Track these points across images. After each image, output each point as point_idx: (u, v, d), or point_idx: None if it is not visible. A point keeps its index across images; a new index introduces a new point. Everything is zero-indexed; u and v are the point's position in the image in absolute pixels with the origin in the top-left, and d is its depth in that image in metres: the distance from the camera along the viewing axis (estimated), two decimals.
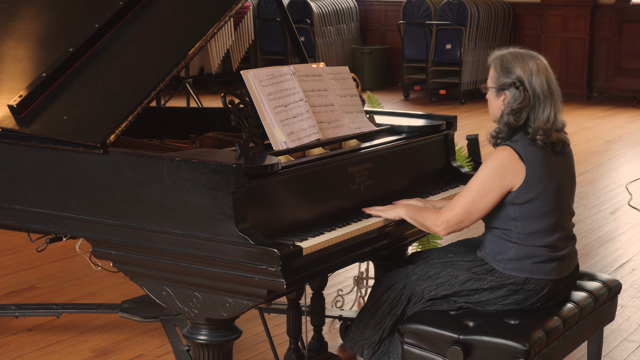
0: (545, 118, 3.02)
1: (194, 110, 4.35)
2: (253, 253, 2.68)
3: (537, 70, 3.03)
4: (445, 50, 11.52)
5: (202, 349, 2.93)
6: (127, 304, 4.27)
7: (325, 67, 3.39)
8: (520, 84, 3.02)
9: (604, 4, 11.58)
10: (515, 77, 3.03)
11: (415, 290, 3.12)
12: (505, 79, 3.04)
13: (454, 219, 3.06)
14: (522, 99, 3.01)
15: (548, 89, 3.03)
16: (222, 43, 11.27)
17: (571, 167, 3.17)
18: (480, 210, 3.04)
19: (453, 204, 3.07)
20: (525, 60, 3.04)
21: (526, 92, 3.01)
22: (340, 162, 3.18)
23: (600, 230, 6.06)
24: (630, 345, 4.19)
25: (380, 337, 3.15)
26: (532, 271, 3.04)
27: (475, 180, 3.03)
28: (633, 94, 11.43)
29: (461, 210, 3.04)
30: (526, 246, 3.04)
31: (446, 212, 3.07)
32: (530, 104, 3.02)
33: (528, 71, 3.02)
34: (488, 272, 3.07)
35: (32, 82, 3.19)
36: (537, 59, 3.06)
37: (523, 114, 3.02)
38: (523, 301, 3.07)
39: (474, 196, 3.03)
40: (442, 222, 3.07)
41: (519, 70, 3.03)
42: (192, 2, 3.32)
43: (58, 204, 3.07)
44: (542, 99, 3.02)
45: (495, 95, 3.09)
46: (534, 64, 3.04)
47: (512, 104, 3.03)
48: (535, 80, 3.02)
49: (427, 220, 3.10)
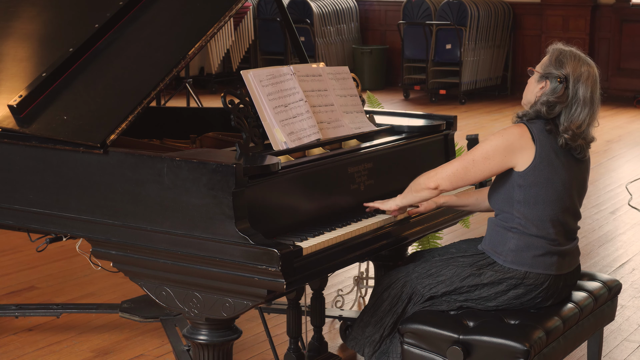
0: (579, 122, 3.02)
1: (194, 110, 4.35)
2: (253, 253, 2.67)
3: (587, 76, 3.04)
4: (445, 50, 11.52)
5: (202, 349, 2.93)
6: (127, 304, 4.27)
7: (325, 67, 3.39)
8: (565, 80, 3.03)
9: (604, 4, 11.58)
10: (563, 72, 3.03)
11: (416, 287, 3.13)
12: (553, 70, 3.05)
13: (449, 171, 3.07)
14: (560, 94, 3.02)
15: (590, 98, 3.04)
16: (222, 43, 11.27)
17: (584, 173, 3.18)
18: (476, 172, 3.05)
19: (452, 160, 3.10)
20: (581, 63, 3.05)
21: (567, 90, 3.02)
22: (340, 162, 3.18)
23: (600, 230, 6.06)
24: (630, 345, 4.19)
25: (381, 335, 3.16)
26: (532, 265, 3.05)
27: (482, 144, 3.06)
28: (633, 94, 11.43)
29: (458, 165, 3.06)
30: (526, 235, 3.04)
31: (442, 166, 3.10)
32: (567, 102, 3.02)
33: (578, 73, 3.03)
34: (488, 265, 3.08)
35: (32, 82, 3.19)
36: (591, 67, 3.07)
37: (557, 108, 3.03)
38: (523, 296, 3.07)
39: (476, 156, 3.05)
40: (435, 174, 3.10)
41: (569, 68, 3.03)
42: (192, 2, 3.32)
43: (58, 204, 3.07)
44: (581, 103, 3.03)
45: (537, 80, 3.10)
46: (586, 69, 3.05)
47: (549, 95, 3.04)
48: (581, 85, 3.02)
49: (420, 177, 3.13)
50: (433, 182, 3.10)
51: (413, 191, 3.16)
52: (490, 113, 10.30)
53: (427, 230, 3.45)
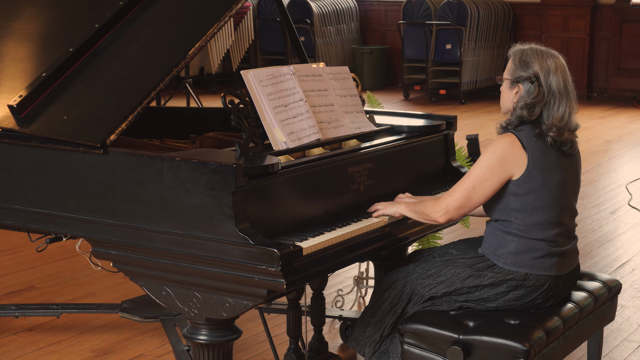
0: (559, 115, 3.03)
1: (194, 110, 4.35)
2: (253, 253, 2.68)
3: (555, 68, 3.05)
4: (445, 50, 11.52)
5: (202, 349, 2.93)
6: (127, 304, 4.27)
7: (325, 67, 3.39)
8: (535, 79, 3.04)
9: (604, 4, 11.57)
10: (532, 72, 3.04)
11: (416, 288, 3.13)
12: (522, 73, 3.06)
13: (453, 204, 3.06)
14: (536, 94, 3.03)
15: (564, 88, 3.05)
16: (222, 43, 11.27)
17: (576, 168, 3.17)
18: (480, 196, 3.04)
19: (453, 189, 3.08)
20: (545, 57, 3.06)
21: (541, 87, 3.03)
22: (340, 162, 3.18)
23: (600, 230, 6.06)
24: (630, 345, 4.19)
25: (381, 335, 3.16)
26: (532, 266, 3.05)
27: (476, 166, 3.04)
28: (633, 94, 11.43)
29: (461, 196, 3.05)
30: (526, 239, 3.04)
31: (446, 198, 3.08)
32: (545, 100, 3.03)
33: (545, 68, 3.04)
34: (488, 267, 3.07)
35: (32, 82, 3.19)
36: (556, 57, 3.08)
37: (537, 109, 3.03)
38: (523, 297, 3.07)
39: (474, 182, 3.03)
40: (442, 208, 3.07)
41: (536, 66, 3.04)
42: (192, 2, 3.32)
43: (58, 204, 3.07)
44: (557, 96, 3.04)
45: (509, 87, 3.11)
46: (552, 62, 3.06)
47: (525, 99, 3.04)
48: (552, 78, 3.04)
49: (427, 208, 3.11)
50: (442, 217, 3.08)
51: (419, 215, 3.14)
52: (490, 113, 10.29)
53: (427, 230, 3.45)
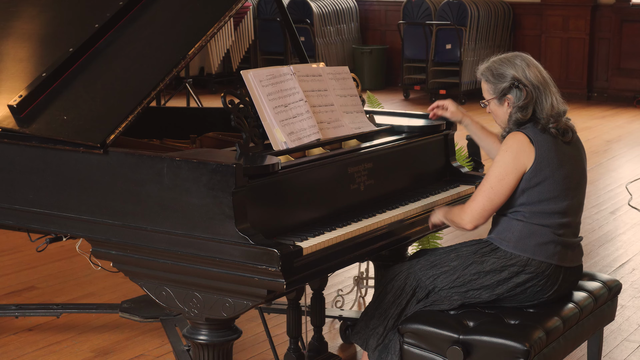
0: (549, 105, 3.11)
1: (194, 110, 4.35)
2: (253, 253, 2.68)
3: (526, 64, 3.15)
4: (445, 50, 11.52)
5: (202, 349, 2.93)
6: (127, 304, 4.27)
7: (325, 67, 3.39)
8: (518, 82, 3.12)
9: (604, 4, 11.57)
10: (510, 77, 3.13)
11: (420, 279, 3.14)
12: (503, 84, 3.15)
13: (477, 208, 3.11)
14: (525, 94, 3.11)
15: (542, 77, 3.15)
16: (222, 43, 11.27)
17: (582, 163, 3.23)
18: (501, 195, 3.09)
19: (474, 194, 3.14)
20: (512, 60, 3.16)
21: (526, 87, 3.11)
22: (340, 162, 3.18)
23: (600, 230, 6.06)
24: (630, 345, 4.19)
25: (385, 327, 3.16)
26: (534, 252, 3.08)
27: (492, 168, 3.12)
28: (633, 94, 11.43)
29: (482, 199, 3.10)
30: (531, 224, 3.09)
31: (469, 204, 3.14)
32: (534, 98, 3.11)
33: (519, 68, 3.13)
34: (492, 251, 3.12)
35: (32, 82, 3.19)
36: (520, 55, 3.18)
37: (529, 108, 3.11)
38: (523, 284, 3.09)
39: (492, 182, 3.09)
40: (467, 215, 3.14)
41: (511, 70, 3.14)
42: (192, 2, 3.33)
43: (58, 204, 3.07)
44: (541, 89, 3.13)
45: (499, 104, 3.19)
46: (521, 60, 3.16)
47: (517, 103, 3.12)
48: (529, 73, 3.13)
49: (455, 217, 3.18)
50: (469, 225, 3.13)
51: (450, 223, 3.22)
52: None
53: (427, 230, 3.45)
